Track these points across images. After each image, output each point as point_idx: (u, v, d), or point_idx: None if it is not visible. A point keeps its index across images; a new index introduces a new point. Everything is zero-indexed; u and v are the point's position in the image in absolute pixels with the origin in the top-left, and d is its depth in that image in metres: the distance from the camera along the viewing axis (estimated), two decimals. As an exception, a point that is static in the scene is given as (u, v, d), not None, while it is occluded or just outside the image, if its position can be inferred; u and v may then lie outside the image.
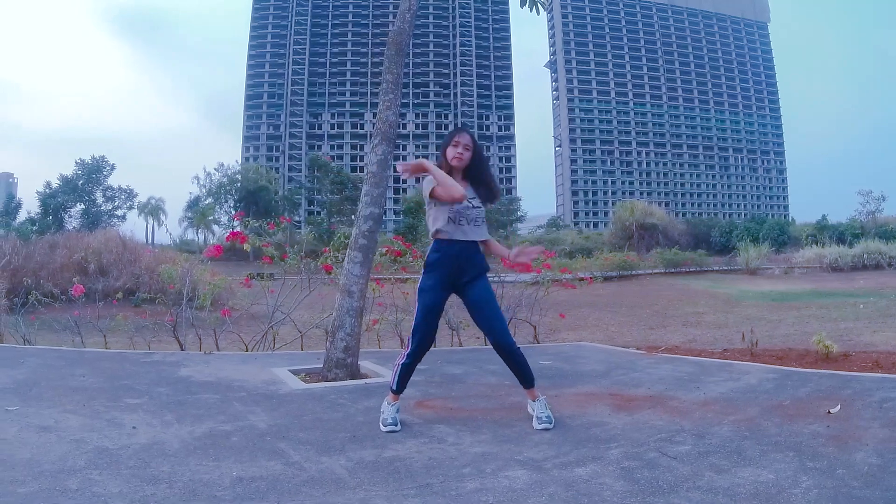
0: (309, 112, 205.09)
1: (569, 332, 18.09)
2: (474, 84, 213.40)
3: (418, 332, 6.31)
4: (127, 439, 5.66)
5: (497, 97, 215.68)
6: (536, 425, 6.11)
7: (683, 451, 5.35)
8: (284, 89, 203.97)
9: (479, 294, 6.41)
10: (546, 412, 6.24)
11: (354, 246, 9.08)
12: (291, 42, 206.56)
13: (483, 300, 6.42)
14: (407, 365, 6.40)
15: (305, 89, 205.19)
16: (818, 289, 36.65)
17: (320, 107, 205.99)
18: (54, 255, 28.70)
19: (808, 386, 7.95)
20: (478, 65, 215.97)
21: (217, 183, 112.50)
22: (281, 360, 10.45)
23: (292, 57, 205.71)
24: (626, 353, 11.85)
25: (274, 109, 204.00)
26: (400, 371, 6.40)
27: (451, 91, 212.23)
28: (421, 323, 6.31)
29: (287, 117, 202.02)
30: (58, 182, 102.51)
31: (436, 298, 6.35)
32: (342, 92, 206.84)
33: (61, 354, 11.00)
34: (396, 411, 6.28)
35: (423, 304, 6.33)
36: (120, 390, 7.83)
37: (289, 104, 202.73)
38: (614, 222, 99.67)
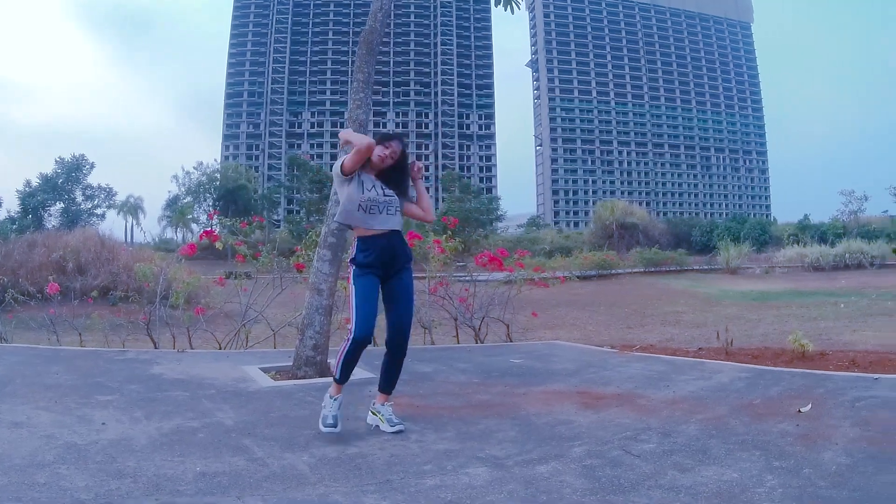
0: (289, 111, 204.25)
1: (546, 331, 18.18)
2: (455, 83, 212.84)
3: (358, 316, 6.05)
4: (96, 435, 5.73)
5: (478, 96, 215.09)
6: (389, 428, 6.08)
7: (648, 450, 5.40)
8: (265, 88, 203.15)
9: (402, 287, 6.35)
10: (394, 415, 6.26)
11: (324, 244, 9.14)
12: (272, 40, 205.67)
13: (404, 294, 6.36)
14: (351, 351, 6.04)
15: (286, 88, 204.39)
16: (799, 288, 36.80)
17: (300, 105, 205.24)
18: (33, 254, 28.71)
19: (780, 385, 8.01)
20: (459, 63, 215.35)
21: (196, 182, 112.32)
22: (252, 359, 10.50)
23: (273, 55, 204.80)
24: (598, 351, 11.92)
25: (254, 108, 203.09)
26: (344, 358, 6.06)
27: (431, 90, 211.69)
28: (360, 306, 6.07)
29: (267, 116, 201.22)
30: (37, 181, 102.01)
31: (371, 282, 6.15)
32: (322, 91, 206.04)
33: (37, 352, 11.10)
34: (339, 407, 6.04)
35: (358, 288, 6.12)
36: (92, 387, 7.90)
37: (269, 103, 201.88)
38: (594, 221, 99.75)
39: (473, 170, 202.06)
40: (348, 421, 6.31)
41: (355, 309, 6.08)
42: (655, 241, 78.46)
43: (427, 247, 14.40)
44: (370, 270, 6.14)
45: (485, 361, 10.49)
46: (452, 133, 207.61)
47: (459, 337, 13.94)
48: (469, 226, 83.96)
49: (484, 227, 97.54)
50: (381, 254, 6.15)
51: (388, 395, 6.35)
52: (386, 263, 6.19)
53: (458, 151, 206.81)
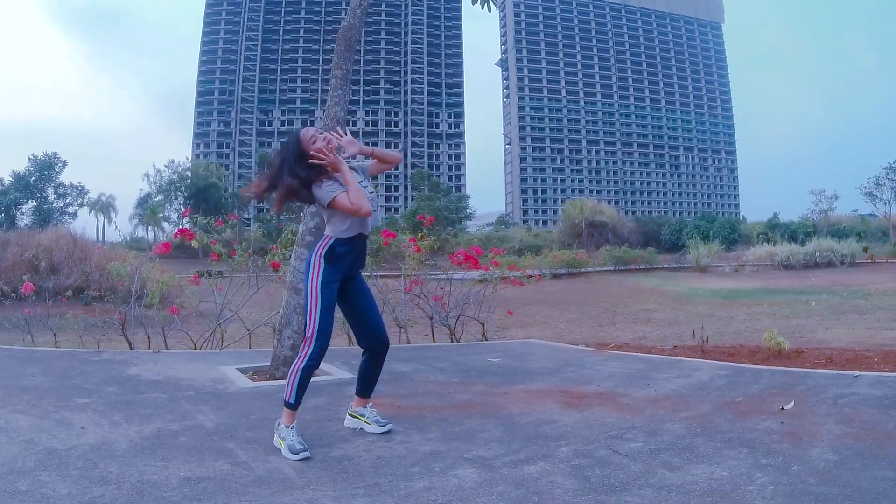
0: (260, 109, 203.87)
1: (518, 330, 18.17)
2: (425, 82, 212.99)
3: (322, 331, 5.63)
4: (76, 440, 5.66)
5: (447, 95, 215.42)
6: (378, 429, 5.95)
7: (635, 449, 5.37)
8: (236, 86, 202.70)
9: (365, 287, 6.13)
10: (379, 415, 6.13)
11: (301, 243, 9.07)
12: (244, 38, 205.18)
13: (369, 294, 6.15)
14: (307, 368, 5.60)
15: (256, 86, 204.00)
16: (769, 286, 36.88)
17: (271, 104, 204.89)
18: (6, 253, 28.50)
19: (760, 382, 8.01)
20: (429, 62, 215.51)
21: (167, 180, 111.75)
22: (229, 359, 10.42)
23: (244, 53, 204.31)
24: (575, 350, 11.87)
25: (225, 106, 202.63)
26: (300, 377, 5.60)
27: (401, 88, 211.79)
28: (324, 319, 5.65)
29: (238, 114, 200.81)
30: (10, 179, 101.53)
31: (335, 292, 5.76)
32: (293, 89, 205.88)
33: (11, 353, 11.04)
34: (298, 433, 5.47)
35: (327, 298, 5.68)
36: (69, 389, 7.83)
37: (240, 101, 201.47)
38: (563, 220, 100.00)
39: (443, 168, 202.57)
40: (330, 423, 6.29)
41: (319, 320, 5.64)
42: (625, 240, 78.62)
43: (402, 245, 14.37)
44: (338, 276, 5.76)
45: (462, 360, 10.44)
46: (422, 132, 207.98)
47: (435, 336, 13.87)
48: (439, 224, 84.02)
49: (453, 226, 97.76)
50: (358, 256, 5.88)
51: (368, 399, 6.18)
52: (356, 265, 5.94)
53: (428, 150, 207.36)
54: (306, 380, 5.64)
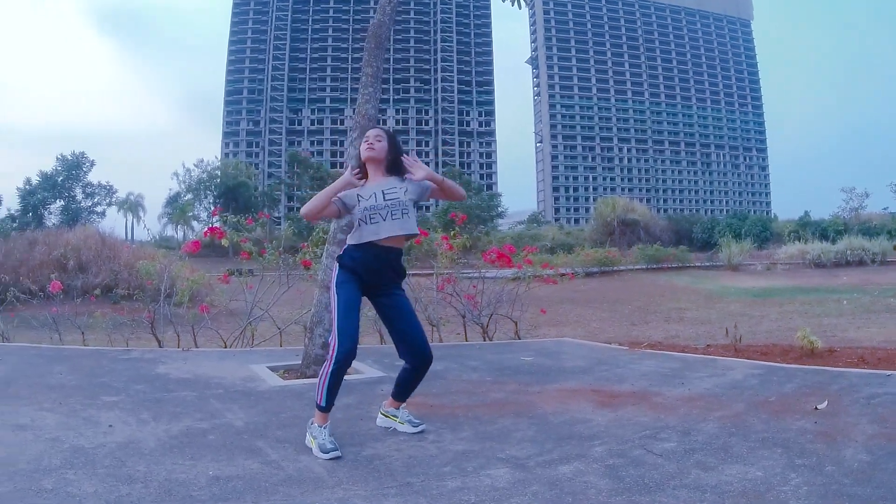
0: (289, 108, 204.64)
1: (550, 328, 18.14)
2: (455, 80, 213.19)
3: (340, 331, 5.55)
4: (103, 438, 5.59)
5: (478, 93, 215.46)
6: (411, 429, 5.89)
7: (669, 449, 5.28)
8: (265, 85, 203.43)
9: (403, 302, 5.95)
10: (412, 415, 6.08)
11: (333, 241, 8.97)
12: (272, 38, 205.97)
13: (409, 308, 5.96)
14: (335, 373, 5.53)
15: (285, 85, 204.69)
16: (801, 285, 36.72)
17: (300, 102, 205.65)
18: (34, 252, 28.61)
19: (793, 382, 7.89)
20: (459, 60, 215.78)
21: (196, 179, 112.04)
22: (259, 357, 10.38)
23: (272, 52, 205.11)
24: (608, 349, 11.77)
25: (254, 105, 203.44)
26: (328, 380, 5.53)
27: (431, 87, 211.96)
28: (343, 319, 5.57)
29: (267, 113, 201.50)
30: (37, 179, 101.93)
31: (354, 291, 5.68)
32: (322, 87, 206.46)
33: (39, 352, 10.98)
34: (329, 433, 5.41)
35: (342, 299, 5.64)
36: (97, 388, 7.77)
37: (269, 100, 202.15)
38: (595, 218, 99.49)
39: (474, 167, 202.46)
40: (361, 422, 6.23)
41: (338, 323, 5.60)
42: (657, 238, 78.35)
43: (435, 243, 14.30)
44: (354, 277, 5.69)
45: (495, 359, 10.36)
46: (453, 130, 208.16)
47: (467, 334, 13.78)
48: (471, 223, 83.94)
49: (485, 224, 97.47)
50: (373, 262, 5.69)
51: (402, 402, 6.10)
52: (373, 275, 5.73)
53: (459, 148, 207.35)
54: (335, 382, 5.56)
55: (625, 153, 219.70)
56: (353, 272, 5.68)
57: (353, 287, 5.67)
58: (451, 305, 14.15)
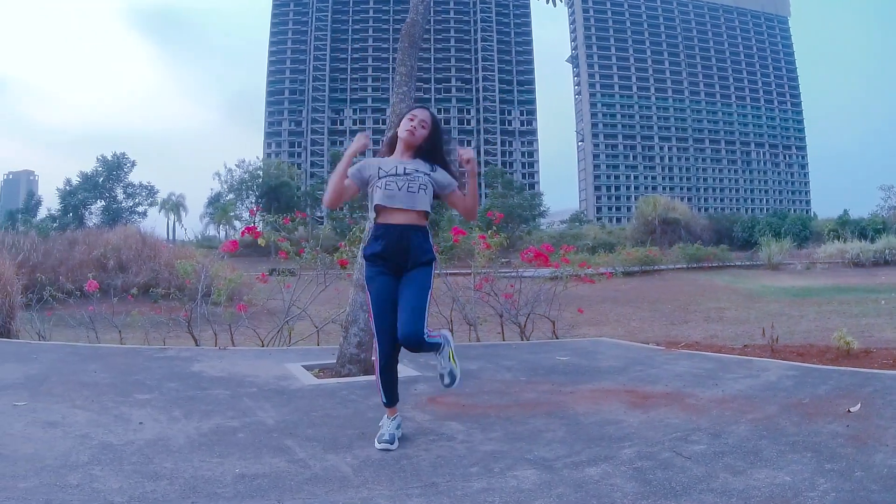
0: (331, 108, 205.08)
1: (590, 328, 18.12)
2: (496, 79, 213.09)
3: (379, 331, 5.52)
4: (132, 435, 5.61)
5: (519, 92, 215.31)
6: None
7: (698, 451, 5.21)
8: (306, 85, 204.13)
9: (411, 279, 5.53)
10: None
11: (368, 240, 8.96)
12: (312, 38, 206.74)
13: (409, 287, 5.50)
14: (381, 371, 5.55)
15: (327, 85, 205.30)
16: (840, 284, 36.59)
17: (342, 102, 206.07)
18: (73, 252, 28.84)
19: (828, 383, 7.78)
20: (499, 60, 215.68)
21: (238, 179, 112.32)
22: (295, 356, 10.40)
23: (313, 53, 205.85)
24: (645, 349, 11.71)
25: (295, 105, 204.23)
26: (378, 379, 5.60)
27: (472, 86, 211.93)
28: (379, 318, 5.50)
29: (309, 113, 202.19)
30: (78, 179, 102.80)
31: (385, 285, 5.52)
32: (364, 87, 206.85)
33: (75, 350, 11.02)
34: (396, 427, 5.58)
35: (373, 297, 5.55)
36: (130, 385, 7.79)
37: (310, 100, 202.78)
38: (637, 217, 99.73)
39: (516, 166, 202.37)
40: (393, 421, 6.13)
41: (374, 324, 5.60)
42: (697, 237, 78.55)
43: (472, 242, 14.29)
44: (382, 266, 5.51)
45: (531, 359, 10.32)
46: (494, 129, 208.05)
47: (505, 334, 13.79)
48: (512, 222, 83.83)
49: (527, 224, 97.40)
50: (396, 243, 5.47)
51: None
52: (396, 254, 5.49)
53: (501, 147, 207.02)
54: (385, 378, 5.60)
55: (665, 151, 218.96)
56: (376, 260, 5.55)
57: (384, 280, 5.54)
58: (489, 305, 14.13)
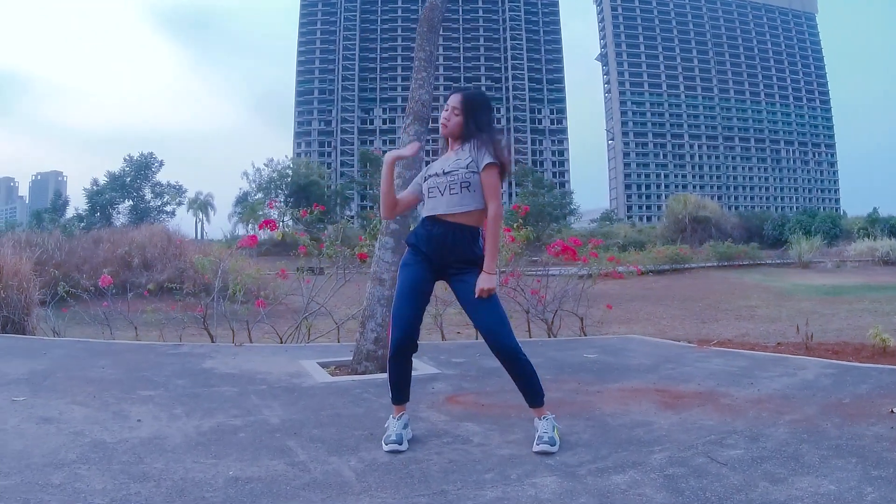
0: (360, 107, 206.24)
1: (619, 325, 17.90)
2: (525, 78, 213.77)
3: (395, 317, 5.18)
4: (128, 433, 5.41)
5: (549, 91, 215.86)
6: (534, 447, 4.99)
7: (735, 457, 4.84)
8: (335, 84, 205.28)
9: (468, 290, 5.16)
10: (551, 432, 5.08)
11: (385, 231, 8.67)
12: (341, 37, 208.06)
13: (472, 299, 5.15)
14: (390, 361, 5.23)
15: (356, 84, 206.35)
16: (870, 283, 36.26)
17: (371, 102, 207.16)
18: (97, 250, 28.84)
19: (868, 382, 7.48)
20: (529, 59, 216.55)
21: (267, 178, 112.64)
22: (312, 353, 10.18)
23: (342, 52, 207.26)
24: (675, 346, 11.42)
25: (325, 105, 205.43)
26: (388, 371, 5.30)
27: (502, 85, 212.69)
28: (397, 304, 5.19)
29: (338, 113, 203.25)
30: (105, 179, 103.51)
31: (416, 274, 5.23)
32: (393, 87, 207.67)
33: (88, 346, 10.92)
34: (404, 427, 5.19)
35: (400, 282, 5.29)
36: (136, 381, 7.63)
37: (340, 99, 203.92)
38: (667, 215, 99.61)
39: (546, 164, 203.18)
40: (404, 421, 5.76)
41: (393, 309, 5.27)
42: (728, 235, 78.21)
43: (499, 236, 14.01)
44: (419, 258, 5.21)
45: (557, 356, 10.01)
46: (524, 128, 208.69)
47: (532, 330, 13.52)
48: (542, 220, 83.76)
49: (557, 222, 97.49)
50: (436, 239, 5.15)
51: (539, 408, 5.29)
52: (438, 252, 5.16)
53: (531, 146, 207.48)
54: (394, 371, 5.26)
55: (695, 150, 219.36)
56: (417, 251, 5.25)
57: (416, 270, 5.24)
58: (515, 301, 13.81)
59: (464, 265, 5.20)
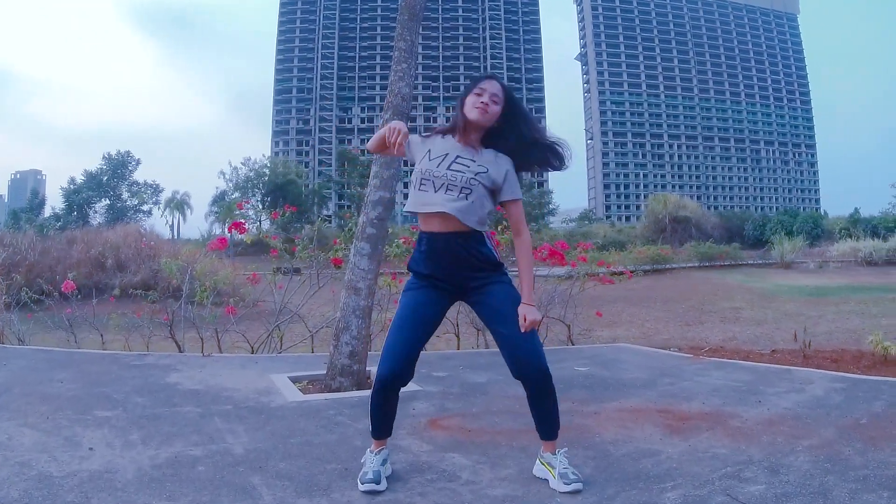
0: (339, 106, 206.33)
1: (603, 330, 17.55)
2: (505, 77, 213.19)
3: (386, 348, 4.55)
4: (77, 465, 4.85)
5: (528, 90, 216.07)
6: (562, 487, 4.37)
7: (757, 494, 4.30)
8: (314, 83, 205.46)
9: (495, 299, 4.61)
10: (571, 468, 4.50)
11: (361, 236, 8.09)
12: (320, 36, 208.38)
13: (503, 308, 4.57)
14: (375, 393, 4.60)
15: (335, 83, 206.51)
16: (854, 283, 36.69)
17: (350, 101, 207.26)
18: (71, 251, 28.48)
19: (881, 398, 7.09)
20: (508, 57, 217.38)
21: (244, 177, 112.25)
22: (284, 365, 9.63)
23: (321, 51, 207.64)
24: (670, 356, 10.94)
25: (303, 104, 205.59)
26: (371, 403, 4.67)
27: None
28: (392, 333, 4.57)
29: (316, 111, 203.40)
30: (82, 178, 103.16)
31: (418, 299, 4.61)
32: (372, 86, 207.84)
33: (50, 356, 10.35)
34: (382, 463, 4.57)
35: (400, 307, 4.66)
36: (94, 399, 7.08)
37: (318, 98, 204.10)
38: (647, 215, 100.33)
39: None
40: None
41: (387, 337, 4.60)
42: (708, 235, 78.90)
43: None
44: (423, 282, 4.59)
45: (546, 369, 9.40)
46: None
47: (516, 339, 12.89)
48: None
49: (536, 222, 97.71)
50: (439, 258, 4.51)
51: (552, 441, 4.68)
52: (445, 269, 4.54)
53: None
54: (378, 405, 4.63)
55: (675, 150, 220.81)
56: (420, 274, 4.62)
57: (417, 295, 4.62)
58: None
59: (480, 273, 4.61)
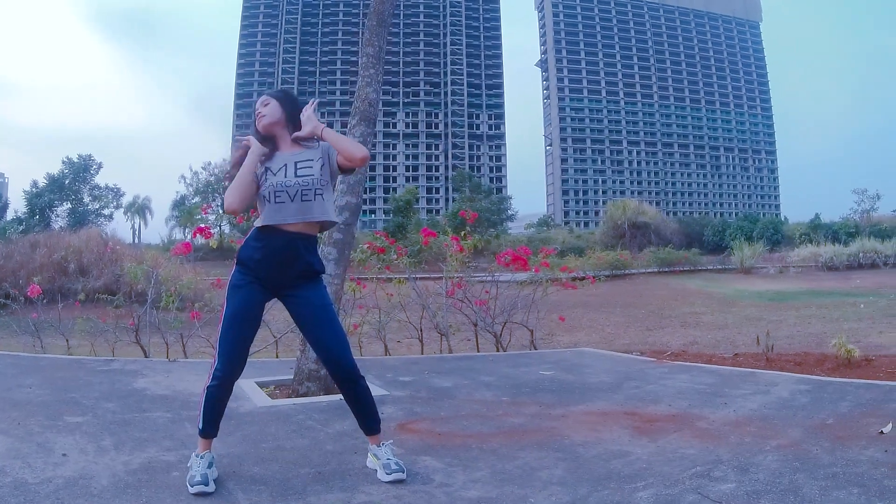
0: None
1: (564, 335, 17.73)
2: (465, 83, 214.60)
3: (222, 344, 4.69)
4: (52, 471, 4.81)
5: (488, 96, 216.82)
6: (385, 477, 4.66)
7: (728, 492, 4.39)
8: (275, 87, 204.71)
9: (310, 304, 4.87)
10: (394, 458, 4.79)
11: (328, 241, 8.13)
12: (282, 40, 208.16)
13: (319, 313, 4.87)
14: (213, 388, 4.69)
15: (296, 88, 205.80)
16: (815, 288, 37.15)
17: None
18: (34, 255, 28.33)
19: (846, 399, 7.19)
20: (468, 63, 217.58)
21: (204, 182, 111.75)
22: (250, 370, 9.35)
23: (283, 55, 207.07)
24: (634, 360, 11.06)
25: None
26: (204, 402, 4.74)
27: (441, 90, 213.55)
28: (226, 331, 4.69)
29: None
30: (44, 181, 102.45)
31: (247, 298, 4.73)
32: (332, 91, 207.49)
33: (16, 361, 10.42)
34: (208, 465, 4.58)
35: (230, 306, 4.73)
36: (64, 405, 7.06)
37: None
38: (606, 221, 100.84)
39: (484, 170, 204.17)
40: (356, 456, 5.26)
41: (220, 335, 4.72)
42: (667, 241, 79.24)
43: (444, 244, 13.57)
44: (252, 278, 4.73)
45: (511, 373, 9.58)
46: (462, 133, 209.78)
47: (479, 344, 13.09)
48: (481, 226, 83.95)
49: (495, 227, 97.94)
50: (274, 255, 4.69)
51: (377, 435, 4.93)
52: (276, 269, 4.73)
53: (469, 151, 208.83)
54: (212, 405, 4.72)
55: (634, 156, 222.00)
56: (248, 270, 4.74)
57: (248, 293, 4.74)
58: (462, 312, 13.39)
59: (301, 280, 4.84)
